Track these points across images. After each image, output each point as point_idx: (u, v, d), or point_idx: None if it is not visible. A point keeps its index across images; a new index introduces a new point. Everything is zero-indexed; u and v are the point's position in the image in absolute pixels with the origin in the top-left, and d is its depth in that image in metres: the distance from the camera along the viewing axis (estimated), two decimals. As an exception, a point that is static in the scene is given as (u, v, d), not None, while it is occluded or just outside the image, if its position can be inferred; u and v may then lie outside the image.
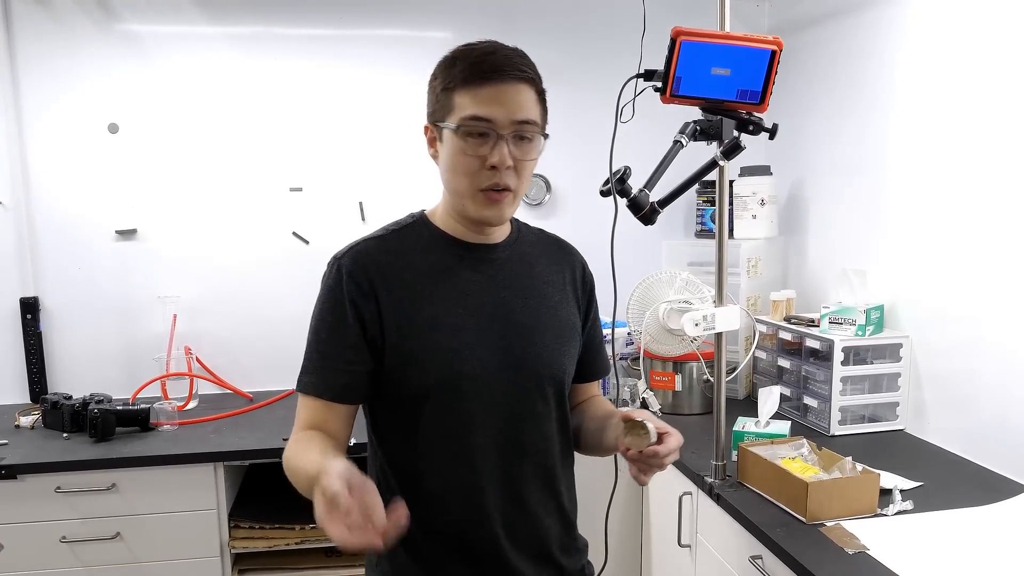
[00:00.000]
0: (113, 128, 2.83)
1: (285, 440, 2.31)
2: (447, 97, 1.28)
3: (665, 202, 1.77)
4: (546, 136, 1.33)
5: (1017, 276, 1.98)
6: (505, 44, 1.31)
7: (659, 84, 1.68)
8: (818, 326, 2.46)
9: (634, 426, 1.27)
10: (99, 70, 2.81)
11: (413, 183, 3.00)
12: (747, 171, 2.91)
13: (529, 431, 1.36)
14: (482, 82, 1.24)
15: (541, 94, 1.32)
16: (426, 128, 1.36)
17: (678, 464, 2.22)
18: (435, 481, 1.32)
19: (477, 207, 1.31)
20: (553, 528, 1.41)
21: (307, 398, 1.33)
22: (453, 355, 1.29)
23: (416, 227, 1.40)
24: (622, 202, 1.70)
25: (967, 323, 2.16)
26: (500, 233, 1.41)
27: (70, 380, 2.85)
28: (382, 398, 1.34)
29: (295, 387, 1.35)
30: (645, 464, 1.29)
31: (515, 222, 1.46)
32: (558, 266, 1.47)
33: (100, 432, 2.41)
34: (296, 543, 2.40)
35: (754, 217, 2.91)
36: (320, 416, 1.32)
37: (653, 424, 1.27)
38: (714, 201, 3.01)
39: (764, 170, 2.93)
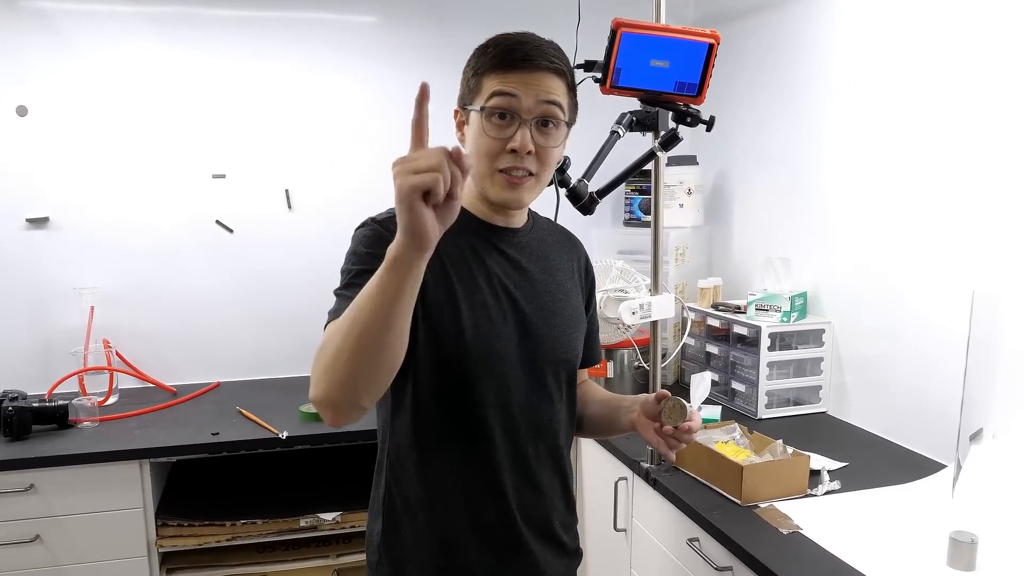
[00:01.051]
0: (22, 111, 2.69)
1: (215, 434, 2.32)
2: (477, 81, 1.30)
3: (604, 192, 1.79)
4: (569, 125, 1.34)
5: (933, 263, 2.08)
6: (541, 36, 1.33)
7: (599, 75, 1.69)
8: (745, 313, 2.52)
9: (673, 404, 1.36)
10: (5, 49, 2.65)
11: (340, 170, 2.96)
12: (674, 161, 2.95)
13: (544, 412, 1.40)
14: (509, 68, 1.27)
15: (572, 87, 1.34)
16: (455, 112, 1.38)
17: (613, 449, 2.25)
18: (452, 458, 1.33)
19: (497, 189, 1.31)
20: (559, 507, 1.46)
21: (335, 322, 1.14)
22: (482, 332, 1.30)
23: None
24: (561, 192, 1.71)
25: (886, 309, 2.25)
26: (520, 218, 1.43)
27: (-20, 377, 2.71)
28: (403, 372, 1.29)
29: (324, 327, 1.20)
30: (676, 440, 1.36)
31: (529, 211, 1.48)
32: (567, 255, 1.51)
33: (15, 431, 2.30)
34: (227, 540, 2.34)
35: (681, 206, 2.97)
36: None
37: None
38: (642, 190, 3.09)
39: (691, 160, 2.99)
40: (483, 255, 1.36)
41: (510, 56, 1.27)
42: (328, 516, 2.41)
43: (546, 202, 1.67)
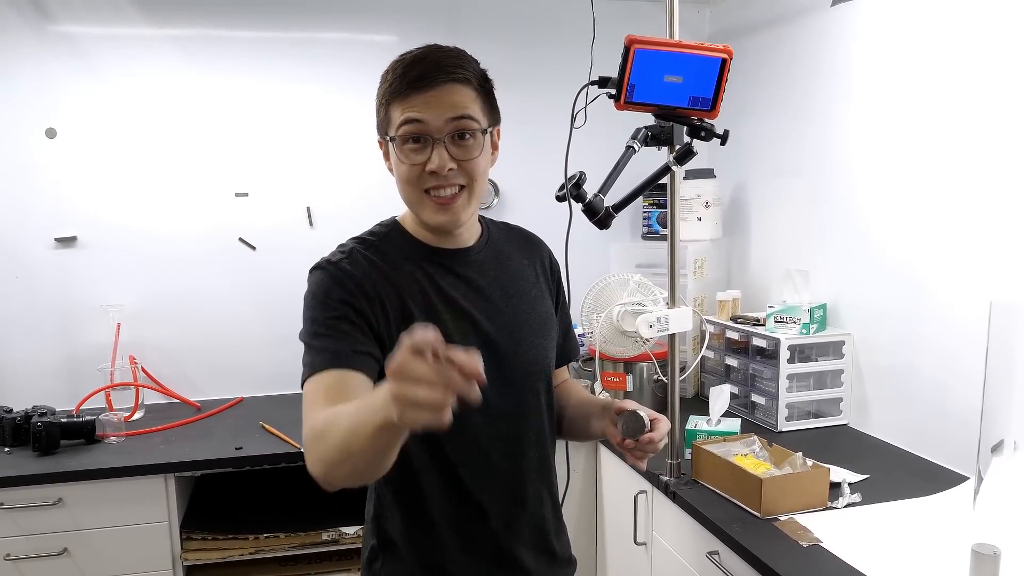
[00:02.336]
0: (51, 133, 2.75)
1: (238, 449, 2.34)
2: (385, 111, 1.29)
3: (619, 206, 1.80)
4: (485, 131, 1.30)
5: (953, 273, 2.07)
6: (441, 46, 1.30)
7: (613, 91, 1.71)
8: (764, 325, 2.52)
9: (628, 416, 1.34)
10: (35, 73, 2.72)
11: (361, 188, 3.00)
12: (691, 174, 2.96)
13: (524, 427, 1.39)
14: (410, 91, 1.24)
15: (483, 90, 1.31)
16: (379, 143, 1.36)
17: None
18: (432, 485, 1.33)
19: (429, 214, 1.31)
20: (548, 515, 1.46)
21: (317, 378, 1.21)
22: None
23: (392, 236, 1.39)
24: (577, 207, 1.73)
25: (905, 320, 2.24)
26: (471, 235, 1.41)
27: (10, 393, 2.75)
28: None
29: (301, 384, 1.25)
30: (640, 451, 1.35)
31: (483, 221, 1.47)
32: (529, 259, 1.50)
33: (44, 445, 2.34)
34: (250, 553, 2.37)
35: (699, 219, 2.97)
36: (337, 386, 1.19)
37: (645, 412, 1.34)
38: (660, 204, 3.10)
39: (708, 173, 3.00)
40: (438, 281, 1.34)
41: (407, 78, 1.24)
42: (350, 530, 2.43)
43: (560, 216, 1.69)
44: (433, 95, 1.24)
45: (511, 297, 1.41)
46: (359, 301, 1.26)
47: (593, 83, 1.78)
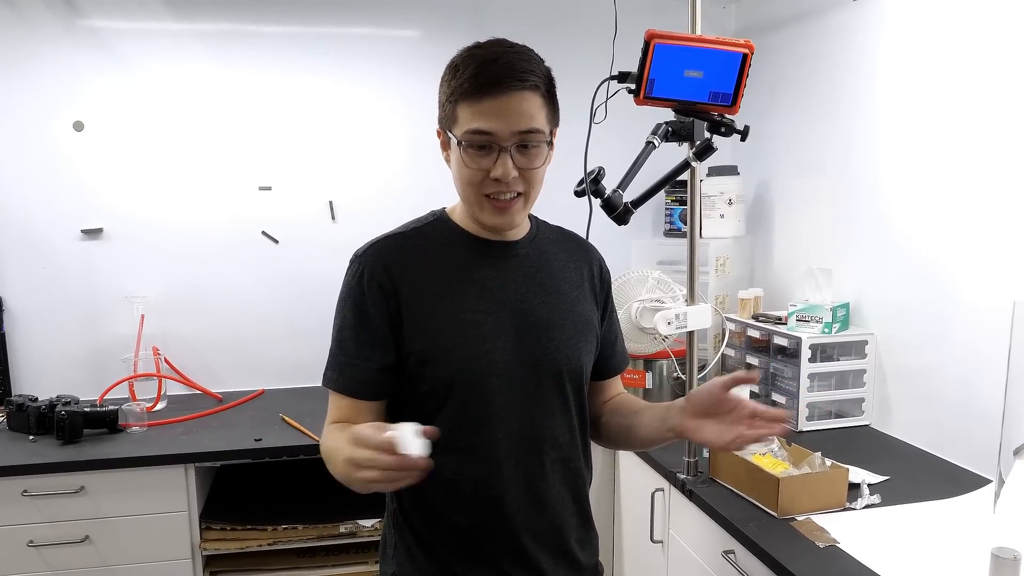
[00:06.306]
0: (78, 126, 2.79)
1: (258, 440, 2.36)
2: (452, 107, 1.27)
3: (638, 202, 1.79)
4: (549, 142, 1.31)
5: (978, 273, 2.04)
6: (512, 46, 1.28)
7: (633, 86, 1.70)
8: (785, 324, 2.50)
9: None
10: (63, 66, 2.76)
11: (383, 182, 3.01)
12: (715, 171, 2.95)
13: (549, 425, 1.37)
14: (482, 95, 1.22)
15: (548, 94, 1.30)
16: (438, 132, 1.36)
17: (650, 460, 2.25)
18: (453, 476, 1.32)
19: (486, 215, 1.32)
20: (571, 522, 1.43)
21: (339, 401, 1.35)
22: (473, 349, 1.31)
23: (437, 225, 1.40)
24: (596, 202, 1.72)
25: (930, 320, 2.21)
26: (519, 231, 1.42)
27: (35, 382, 2.80)
28: (401, 393, 1.35)
29: (321, 382, 1.37)
30: (759, 421, 1.34)
31: (533, 219, 1.47)
32: (576, 263, 1.48)
33: (67, 434, 2.37)
34: (268, 544, 2.38)
35: (722, 216, 2.95)
36: (348, 412, 1.33)
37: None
38: (682, 201, 3.08)
39: (731, 170, 2.97)
40: (475, 270, 1.35)
41: (478, 81, 1.22)
42: (367, 523, 2.44)
43: (579, 212, 1.69)
44: (503, 102, 1.23)
45: (548, 294, 1.40)
46: (376, 297, 1.31)
47: (613, 78, 1.78)
